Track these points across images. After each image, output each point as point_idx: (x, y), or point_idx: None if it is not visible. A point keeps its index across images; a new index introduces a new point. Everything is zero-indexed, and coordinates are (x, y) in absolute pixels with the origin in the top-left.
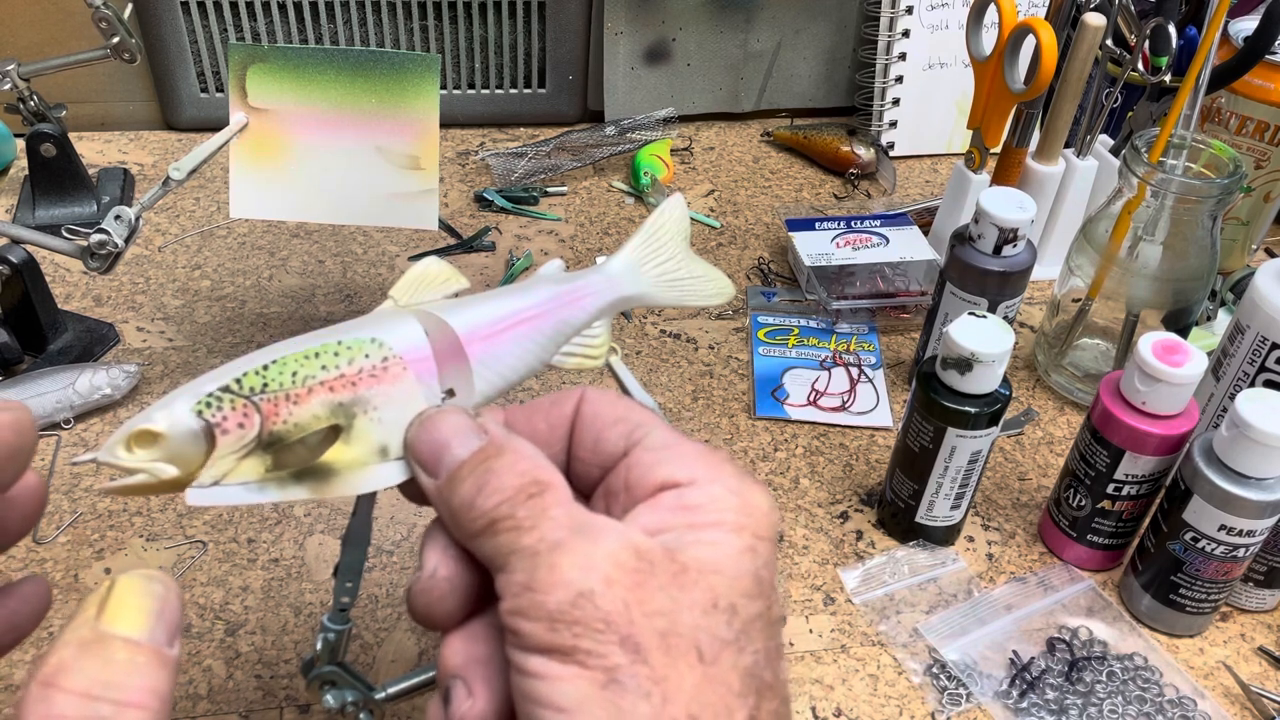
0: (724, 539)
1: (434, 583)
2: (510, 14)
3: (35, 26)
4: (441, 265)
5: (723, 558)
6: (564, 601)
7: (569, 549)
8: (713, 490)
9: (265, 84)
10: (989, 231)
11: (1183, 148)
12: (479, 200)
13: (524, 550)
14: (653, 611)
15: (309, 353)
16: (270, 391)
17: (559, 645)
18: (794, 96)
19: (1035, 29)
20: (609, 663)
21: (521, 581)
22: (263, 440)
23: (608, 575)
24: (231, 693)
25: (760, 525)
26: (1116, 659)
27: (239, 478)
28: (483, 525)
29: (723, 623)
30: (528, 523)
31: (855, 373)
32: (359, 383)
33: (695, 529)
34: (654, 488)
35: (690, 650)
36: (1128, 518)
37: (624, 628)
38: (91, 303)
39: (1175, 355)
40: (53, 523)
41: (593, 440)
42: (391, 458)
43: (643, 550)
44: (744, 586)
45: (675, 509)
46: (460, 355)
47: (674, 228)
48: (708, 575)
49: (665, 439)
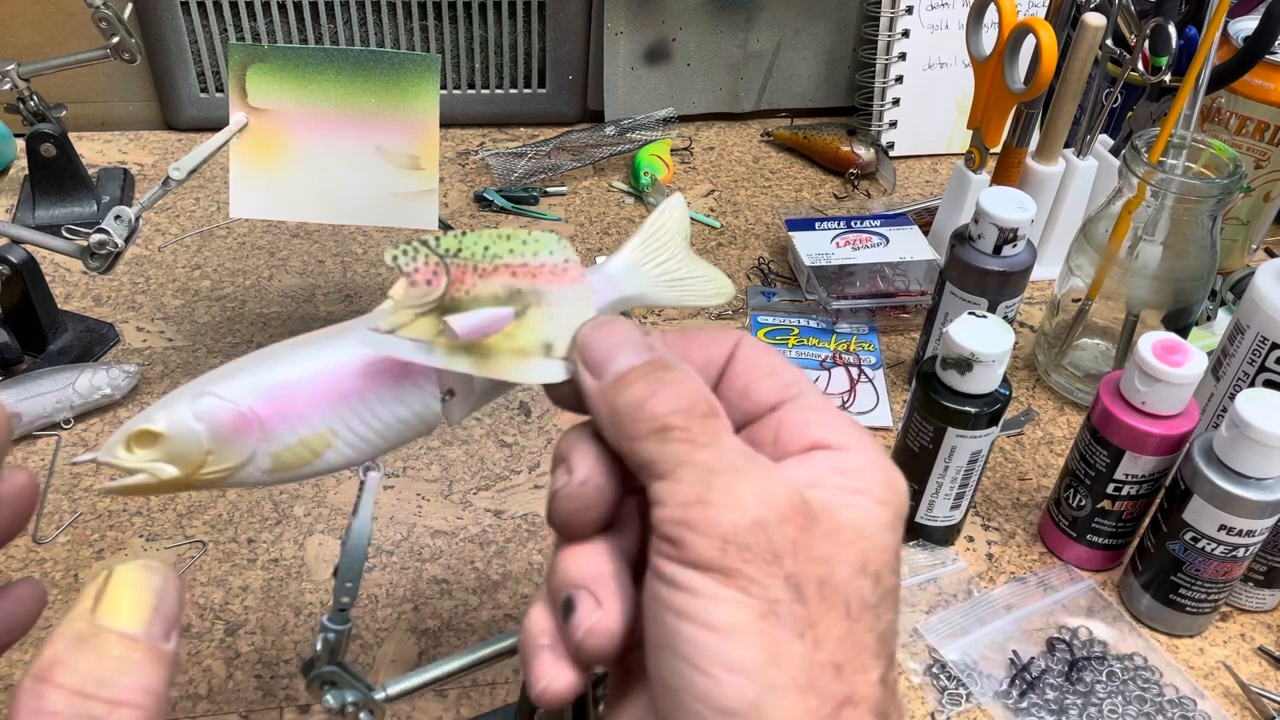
0: (873, 508)
1: (584, 490)
2: (510, 14)
3: (35, 26)
4: None
5: (870, 524)
6: (740, 523)
7: (747, 474)
8: (863, 459)
9: (265, 84)
10: (989, 231)
11: (1183, 148)
12: (479, 200)
13: (698, 464)
14: (815, 558)
15: (503, 234)
16: (463, 258)
17: (726, 566)
18: (794, 96)
19: (1035, 29)
20: (772, 595)
21: (694, 494)
22: (444, 303)
23: (782, 511)
24: (231, 693)
25: (901, 505)
26: (1116, 659)
27: (412, 333)
28: (654, 428)
29: (869, 585)
30: (703, 438)
31: (855, 373)
32: (539, 275)
33: (847, 492)
34: (807, 445)
35: (840, 603)
36: (1128, 518)
37: (790, 565)
38: (91, 303)
39: (1175, 355)
40: (53, 523)
41: (743, 386)
42: (555, 355)
43: (807, 498)
44: (887, 558)
45: (828, 470)
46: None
47: (674, 228)
48: (860, 538)
49: (818, 401)
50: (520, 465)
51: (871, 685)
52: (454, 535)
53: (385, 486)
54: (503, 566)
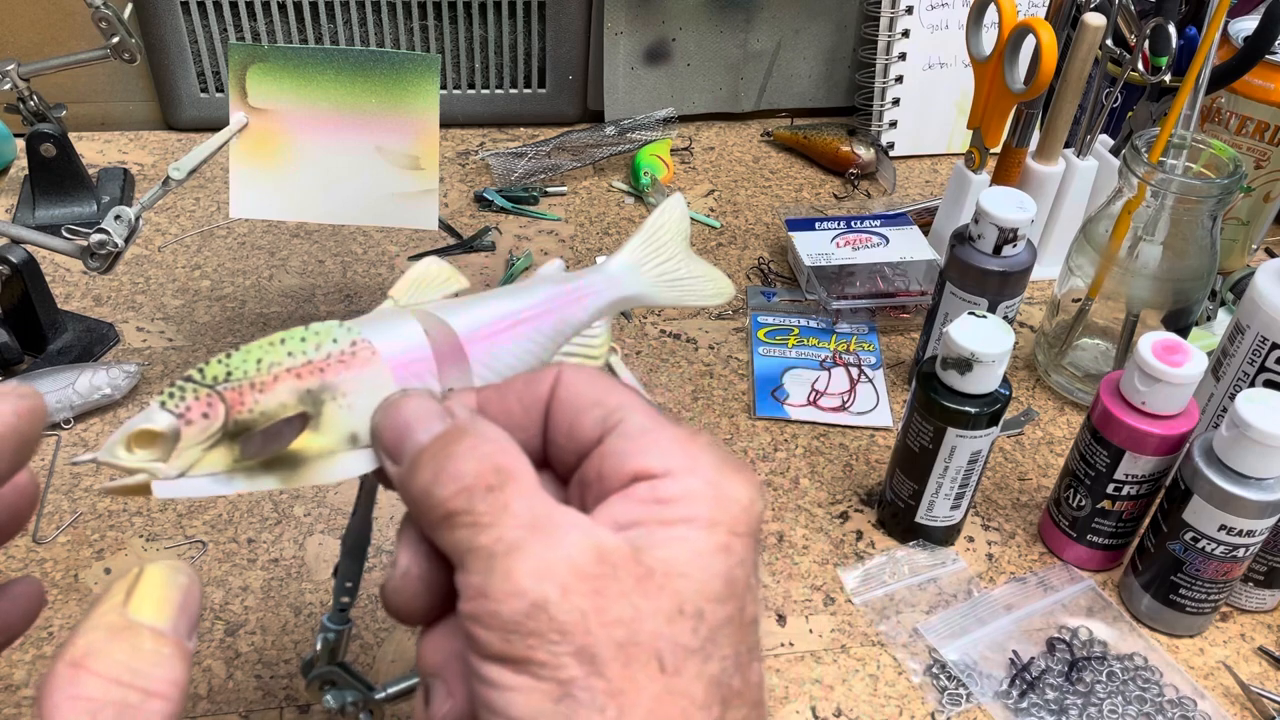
0: (695, 536)
1: (406, 581)
2: (510, 14)
3: (35, 26)
4: (441, 265)
5: (692, 558)
6: (518, 611)
7: (525, 552)
8: (688, 483)
9: (265, 84)
10: (989, 231)
11: (1183, 148)
12: (479, 200)
13: (480, 550)
14: (611, 620)
15: (275, 340)
16: (234, 380)
17: (513, 655)
18: (794, 96)
19: (1035, 29)
20: (563, 675)
21: (477, 585)
22: (229, 430)
23: (565, 582)
24: (231, 693)
25: (736, 521)
26: (1116, 659)
27: (206, 468)
28: (440, 516)
29: (688, 630)
30: (485, 518)
31: (855, 373)
32: (327, 369)
33: (666, 525)
34: (627, 478)
35: (651, 660)
36: (1128, 518)
37: (580, 638)
38: (91, 303)
39: (1175, 355)
40: (53, 523)
41: (568, 424)
42: (362, 445)
43: (605, 552)
44: (713, 589)
45: (647, 502)
46: (460, 355)
47: (674, 228)
48: (674, 579)
49: (643, 424)
50: None
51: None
52: None
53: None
54: None
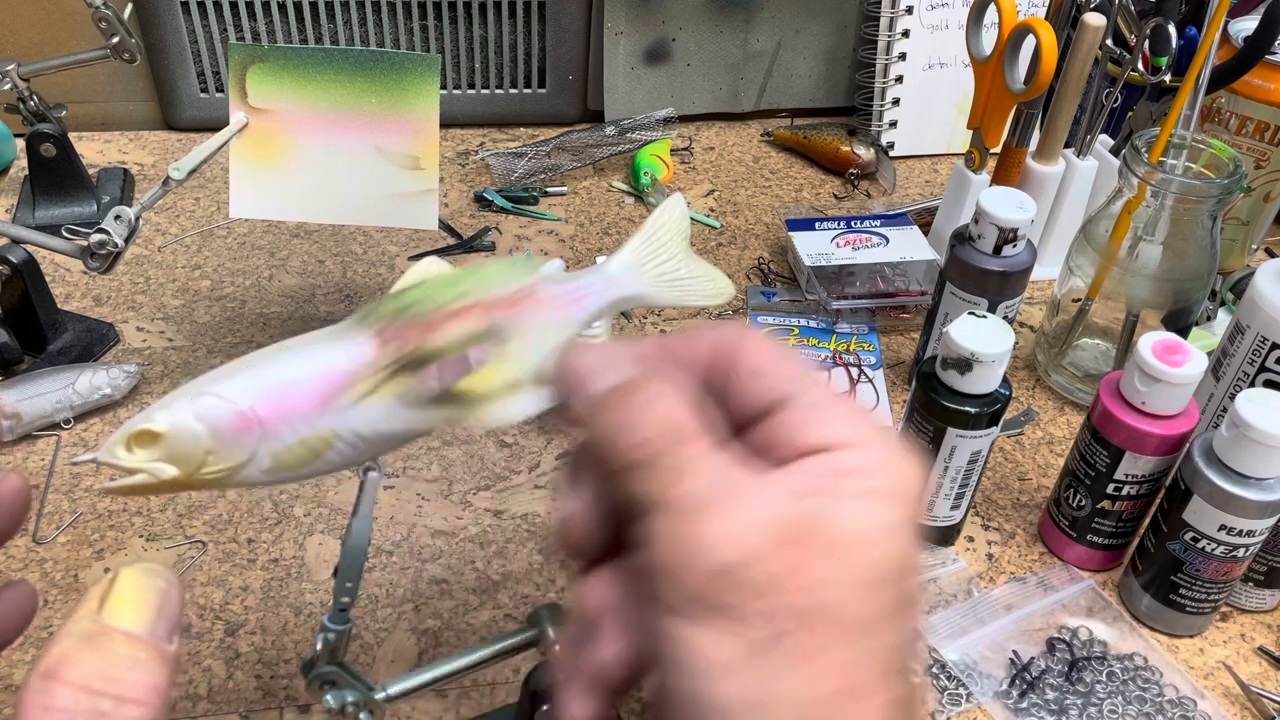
0: (876, 511)
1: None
2: (510, 14)
3: (35, 26)
4: (441, 265)
5: (874, 531)
6: (710, 569)
7: (717, 512)
8: (868, 455)
9: (265, 84)
10: (989, 231)
11: (1183, 148)
12: (479, 200)
13: (670, 503)
14: (807, 583)
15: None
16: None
17: (711, 603)
18: (794, 96)
19: (1035, 29)
20: (754, 635)
21: (667, 537)
22: (415, 358)
23: (756, 545)
24: (231, 693)
25: (915, 497)
26: (1116, 659)
27: (382, 397)
28: (627, 463)
29: (874, 600)
30: (672, 473)
31: (855, 373)
32: (505, 306)
33: (847, 497)
34: (807, 448)
35: (840, 626)
36: (1128, 518)
37: (777, 597)
38: (91, 303)
39: (1175, 355)
40: (52, 523)
41: (744, 386)
42: (535, 386)
43: (792, 519)
44: (894, 564)
45: (828, 473)
46: (460, 355)
47: (674, 228)
48: (859, 549)
49: (819, 398)
50: (520, 465)
51: (878, 710)
52: (454, 535)
53: (385, 486)
54: (503, 566)
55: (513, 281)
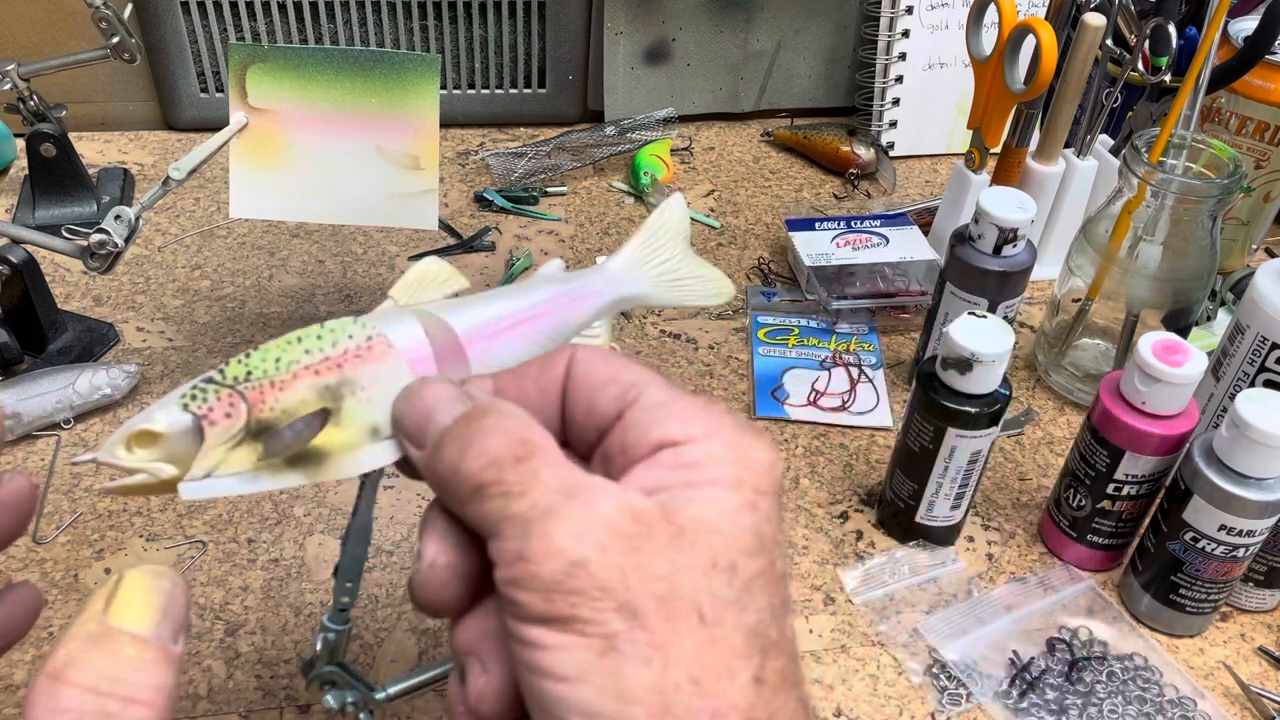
0: (722, 496)
1: (434, 572)
2: (510, 14)
3: (35, 26)
4: (441, 265)
5: (721, 515)
6: (558, 570)
7: (561, 515)
8: (710, 446)
9: (265, 84)
10: (989, 231)
11: (1183, 148)
12: (479, 200)
13: (515, 517)
14: (650, 576)
15: (292, 338)
16: (255, 379)
17: (556, 614)
18: (794, 96)
19: (1035, 29)
20: (607, 630)
21: (514, 550)
22: (251, 429)
23: (602, 541)
24: (231, 693)
25: (760, 480)
26: (1116, 659)
27: (231, 468)
28: (470, 489)
29: (723, 582)
30: (517, 487)
31: (855, 373)
32: (345, 364)
33: (693, 487)
34: (651, 447)
35: (691, 613)
36: (1128, 518)
37: (621, 594)
38: (91, 303)
39: (1175, 355)
40: (53, 523)
41: (586, 403)
42: (383, 437)
43: (638, 512)
44: (744, 544)
45: (672, 467)
46: (460, 355)
47: (674, 228)
48: (706, 534)
49: (661, 396)
50: None
51: (741, 689)
52: None
53: (385, 486)
54: None
55: (351, 338)
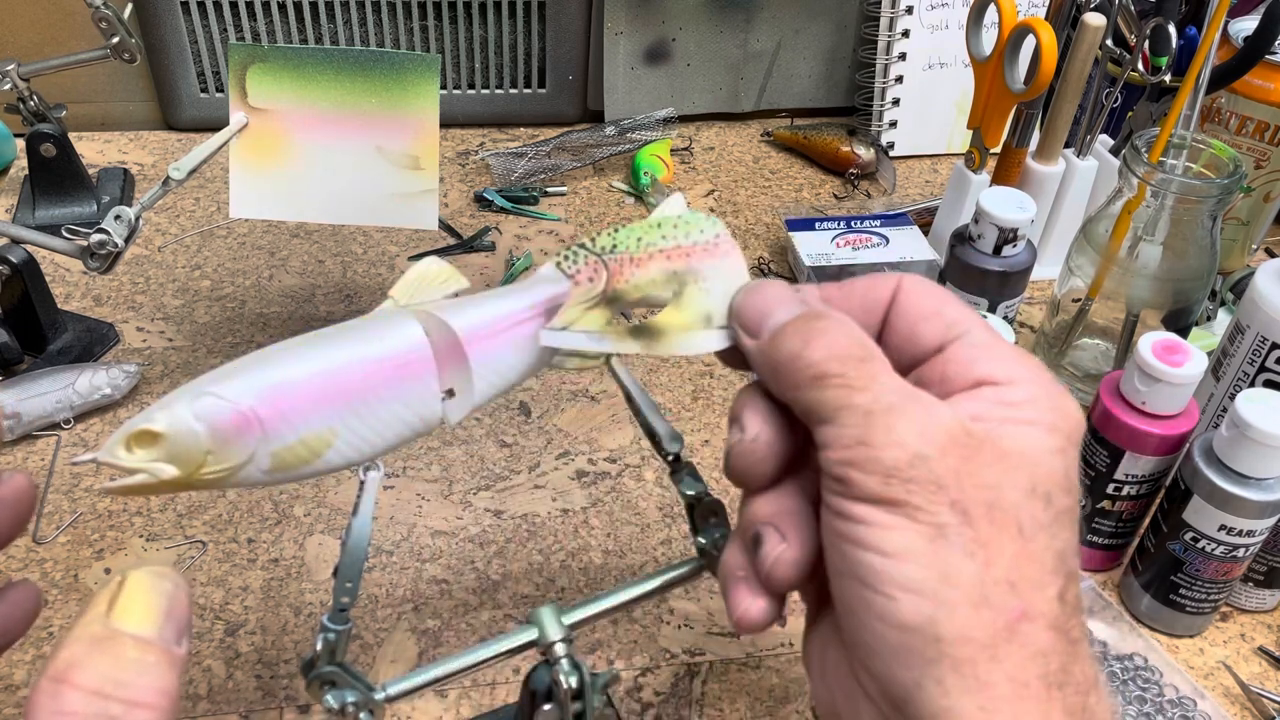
0: (1041, 436)
1: (755, 446)
2: (510, 14)
3: (35, 26)
4: (441, 265)
5: (1040, 451)
6: (900, 459)
7: (904, 412)
8: (1030, 390)
9: (265, 84)
10: (989, 231)
11: (1183, 148)
12: (479, 200)
13: (857, 407)
14: (981, 484)
15: (653, 223)
16: (619, 252)
17: (892, 497)
18: (794, 96)
19: (1035, 29)
20: (939, 520)
21: (855, 435)
22: (608, 295)
23: (942, 442)
24: (231, 693)
25: (1073, 430)
26: (1116, 659)
27: (585, 326)
28: (811, 376)
29: (1040, 507)
30: (859, 382)
31: None
32: (692, 254)
33: (1014, 423)
34: (973, 381)
35: (1012, 524)
36: (1128, 518)
37: (954, 492)
38: (91, 303)
39: (1175, 355)
40: (53, 523)
41: (907, 329)
42: (715, 325)
43: (970, 428)
44: (1059, 480)
45: (994, 403)
46: (460, 355)
47: None
48: (1028, 463)
49: (984, 338)
50: (520, 465)
51: (1049, 601)
52: (454, 535)
53: (385, 486)
54: (503, 566)
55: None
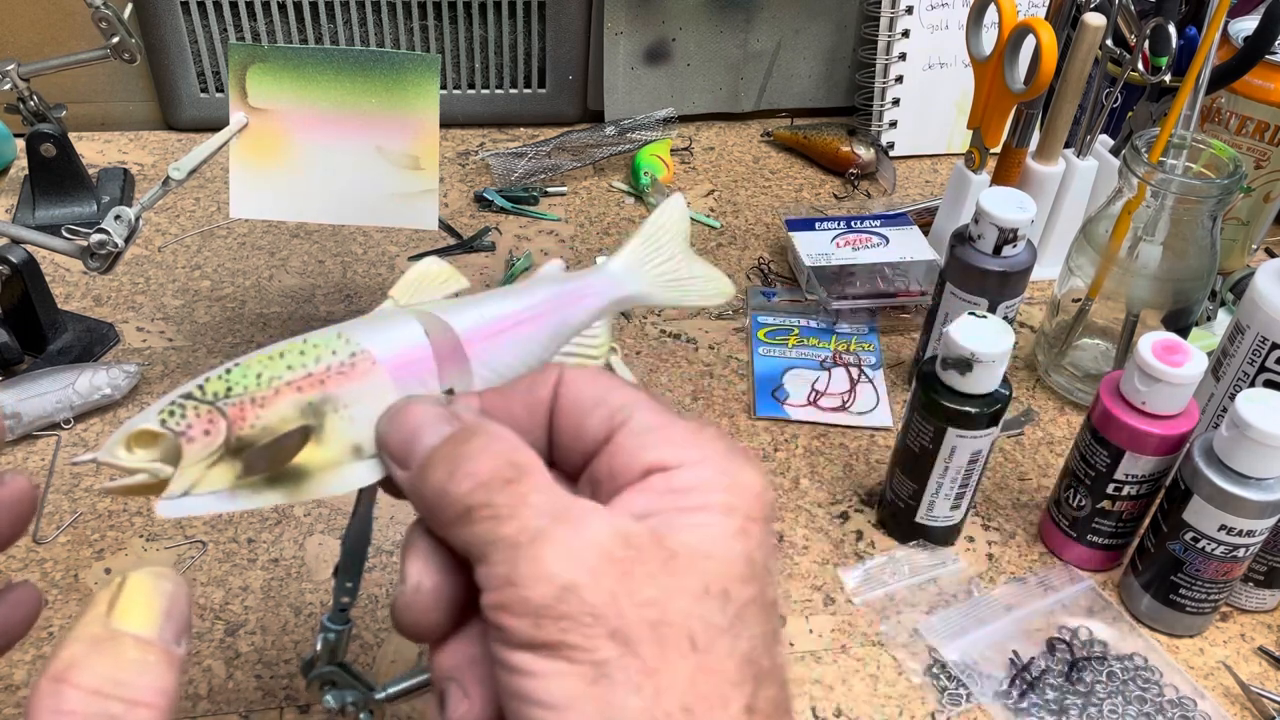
0: (714, 522)
1: (418, 597)
2: (510, 14)
3: (35, 26)
4: (441, 265)
5: (713, 541)
6: (548, 595)
7: (551, 539)
8: (702, 472)
9: (265, 84)
10: (989, 231)
11: (1183, 148)
12: (479, 200)
13: (503, 541)
14: (642, 601)
15: (274, 354)
16: (235, 395)
17: (545, 640)
18: (794, 96)
19: (1035, 29)
20: (598, 657)
21: (503, 575)
22: (231, 446)
23: (593, 565)
24: (231, 693)
25: (752, 506)
26: (1116, 659)
27: (209, 486)
28: (458, 513)
29: (716, 608)
30: (506, 510)
31: (855, 373)
32: (327, 380)
33: (684, 512)
34: (640, 472)
35: (683, 639)
36: (1128, 518)
37: (613, 620)
38: (91, 303)
39: (1175, 355)
40: (53, 523)
41: (574, 425)
42: (366, 455)
43: (629, 536)
44: (736, 570)
45: (663, 493)
46: (460, 355)
47: (674, 228)
48: (699, 560)
49: (650, 421)
50: None
51: (739, 716)
52: None
53: None
54: None
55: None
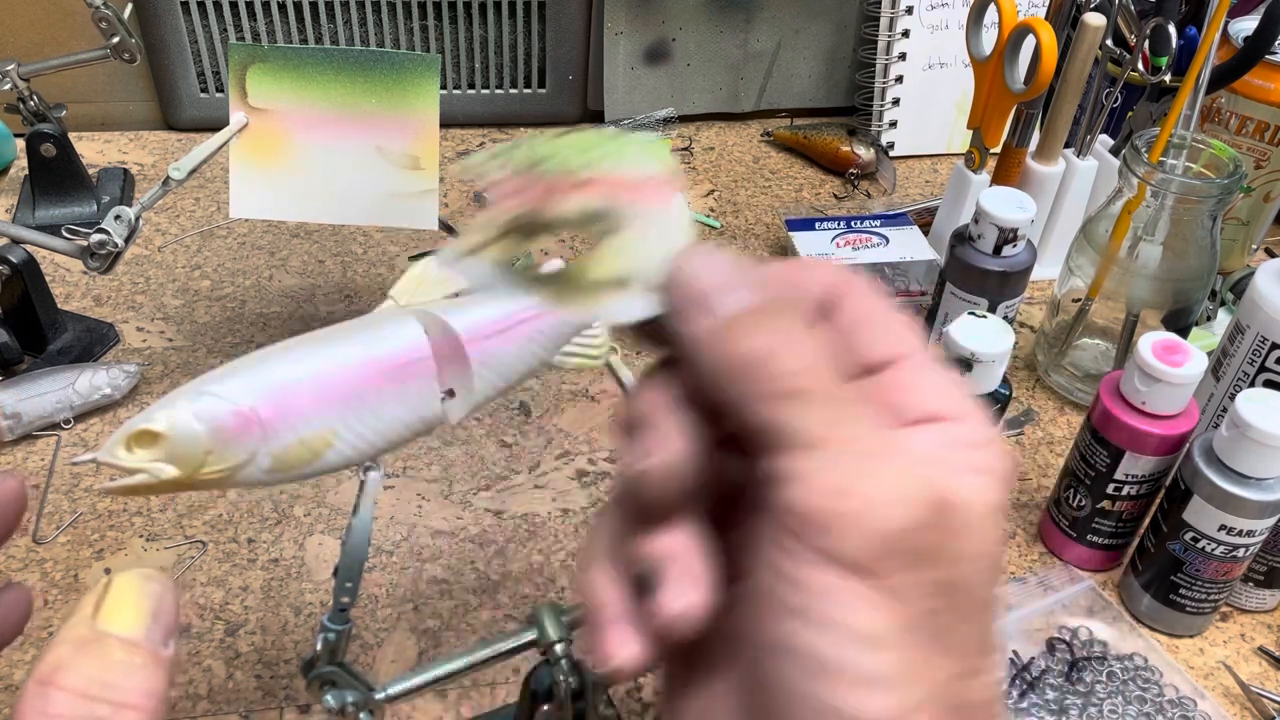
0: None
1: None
2: (510, 14)
3: (35, 26)
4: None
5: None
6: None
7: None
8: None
9: (265, 84)
10: (989, 231)
11: (1183, 148)
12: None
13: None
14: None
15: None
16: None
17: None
18: (794, 96)
19: (1035, 29)
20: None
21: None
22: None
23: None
24: (231, 693)
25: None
26: (1116, 659)
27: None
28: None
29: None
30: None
31: None
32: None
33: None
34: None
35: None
36: (1128, 518)
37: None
38: (91, 303)
39: (1175, 355)
40: (53, 523)
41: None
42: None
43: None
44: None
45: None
46: (461, 355)
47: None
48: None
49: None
50: (520, 465)
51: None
52: (454, 535)
53: (385, 486)
54: (503, 566)
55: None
